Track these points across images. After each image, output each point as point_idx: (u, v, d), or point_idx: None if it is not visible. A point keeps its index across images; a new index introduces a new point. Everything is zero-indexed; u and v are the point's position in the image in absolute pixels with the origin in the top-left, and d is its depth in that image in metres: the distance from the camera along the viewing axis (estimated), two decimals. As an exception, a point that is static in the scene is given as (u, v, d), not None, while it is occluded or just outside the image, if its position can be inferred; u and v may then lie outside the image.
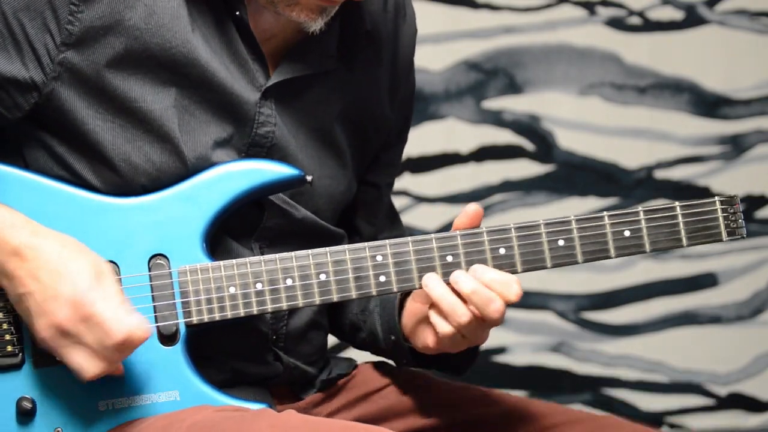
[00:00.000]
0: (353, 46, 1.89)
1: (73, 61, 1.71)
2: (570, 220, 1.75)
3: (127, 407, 1.71)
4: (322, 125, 1.88)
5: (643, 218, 1.76)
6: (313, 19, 1.77)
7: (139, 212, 1.74)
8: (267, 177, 1.77)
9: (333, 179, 1.90)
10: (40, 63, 1.71)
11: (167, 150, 1.75)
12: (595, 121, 3.48)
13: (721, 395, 3.55)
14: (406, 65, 2.02)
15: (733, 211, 1.77)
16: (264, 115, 1.81)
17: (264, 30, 1.81)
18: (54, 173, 1.75)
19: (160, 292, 1.72)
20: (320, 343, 1.93)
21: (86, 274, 1.62)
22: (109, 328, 1.61)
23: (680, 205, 1.77)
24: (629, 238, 1.76)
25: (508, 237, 1.75)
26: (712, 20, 3.50)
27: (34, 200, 1.70)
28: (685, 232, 1.76)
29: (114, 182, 1.74)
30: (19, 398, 1.70)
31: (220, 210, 1.75)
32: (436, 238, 1.75)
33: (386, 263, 1.75)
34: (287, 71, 1.83)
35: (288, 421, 1.64)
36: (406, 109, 2.05)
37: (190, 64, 1.75)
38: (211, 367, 1.78)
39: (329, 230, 1.90)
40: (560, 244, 1.75)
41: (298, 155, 1.85)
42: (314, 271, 1.74)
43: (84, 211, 1.73)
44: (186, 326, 1.73)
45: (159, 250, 1.73)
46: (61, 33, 1.71)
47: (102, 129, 1.74)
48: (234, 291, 1.73)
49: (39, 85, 1.72)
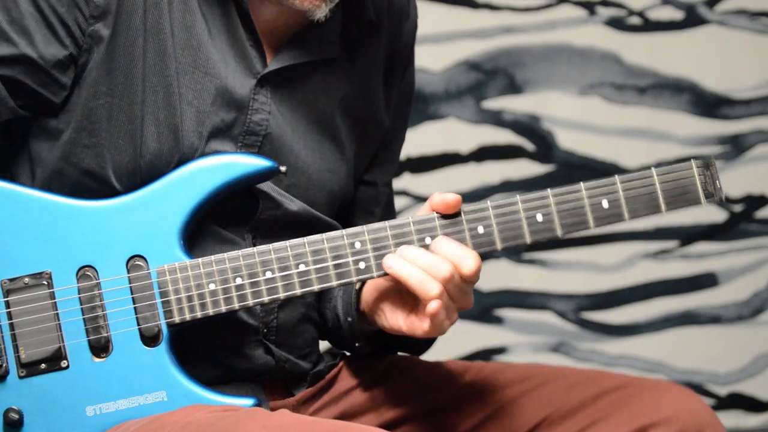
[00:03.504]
0: (356, 36, 1.89)
1: (101, 34, 1.74)
2: (547, 195, 1.74)
3: (114, 411, 1.71)
4: (324, 117, 1.87)
5: (620, 187, 1.74)
6: (317, 6, 1.77)
7: (114, 214, 1.74)
8: (240, 170, 1.76)
9: (333, 173, 1.89)
10: (74, 38, 1.74)
11: (164, 136, 1.76)
12: (595, 121, 3.48)
13: (721, 395, 3.54)
14: (403, 61, 2.01)
15: (710, 173, 1.76)
16: (258, 102, 1.81)
17: (266, 21, 1.82)
18: (56, 164, 1.76)
19: (140, 293, 1.72)
20: (311, 336, 1.93)
21: None
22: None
23: (657, 170, 1.75)
24: (608, 209, 1.74)
25: (485, 215, 1.73)
26: (712, 20, 3.50)
27: (7, 209, 1.70)
28: (663, 198, 1.74)
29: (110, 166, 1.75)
30: (6, 410, 1.69)
31: (196, 207, 1.75)
32: (414, 221, 1.74)
33: (365, 249, 1.73)
34: (286, 58, 1.83)
35: (282, 421, 1.64)
36: (404, 108, 2.04)
37: (197, 45, 1.77)
38: (202, 364, 1.78)
39: (326, 222, 1.89)
40: (539, 219, 1.73)
41: (294, 146, 1.84)
42: (293, 262, 1.73)
43: (59, 217, 1.72)
44: (168, 326, 1.72)
45: (136, 251, 1.73)
46: (89, 6, 1.73)
47: (110, 105, 1.75)
48: (214, 287, 1.73)
49: (76, 58, 1.74)
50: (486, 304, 3.43)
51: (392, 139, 2.03)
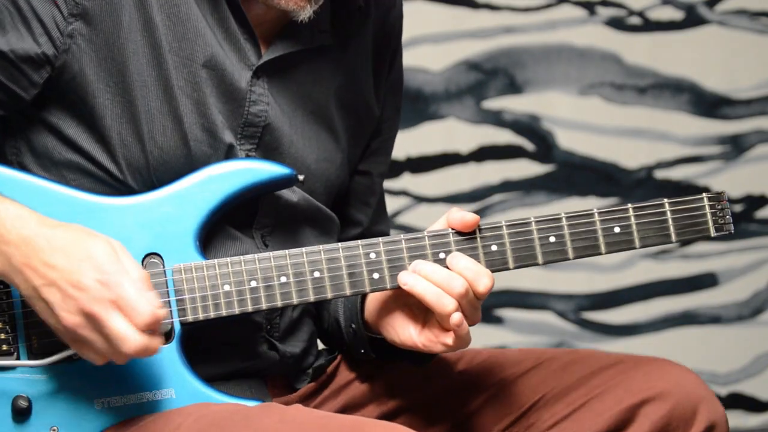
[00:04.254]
0: (346, 23, 1.90)
1: (82, 33, 1.73)
2: (561, 217, 1.76)
3: (123, 405, 1.71)
4: (319, 107, 1.88)
5: (632, 215, 1.78)
6: (302, 7, 1.77)
7: (132, 212, 1.74)
8: (259, 176, 1.77)
9: (331, 162, 1.90)
10: (50, 36, 1.72)
11: (169, 130, 1.76)
12: (595, 121, 3.48)
13: (721, 395, 3.55)
14: (391, 50, 2.01)
15: (721, 207, 1.80)
16: (256, 93, 1.81)
17: (257, 15, 1.82)
18: (64, 158, 1.76)
19: (155, 290, 1.72)
20: (312, 330, 1.94)
21: (106, 255, 1.60)
22: (138, 310, 1.58)
23: (669, 201, 1.79)
24: (619, 234, 1.77)
25: (499, 234, 1.76)
26: (712, 20, 3.50)
27: (26, 202, 1.69)
28: (673, 228, 1.79)
29: (120, 162, 1.75)
30: (15, 397, 1.69)
31: (213, 209, 1.75)
32: (429, 235, 1.76)
33: (380, 260, 1.75)
34: (279, 48, 1.83)
35: (297, 416, 1.64)
36: (395, 97, 2.04)
37: (193, 37, 1.76)
38: (206, 360, 1.78)
39: (326, 212, 1.90)
40: (551, 241, 1.76)
41: (293, 136, 1.85)
42: (308, 269, 1.74)
43: (77, 212, 1.72)
44: (181, 324, 1.73)
45: (153, 249, 1.73)
46: (68, 4, 1.72)
47: (111, 103, 1.75)
48: (228, 288, 1.73)
49: (51, 58, 1.73)
50: (486, 304, 3.39)
51: (383, 128, 2.04)
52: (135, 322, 1.58)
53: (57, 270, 1.60)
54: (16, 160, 1.79)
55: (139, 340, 1.58)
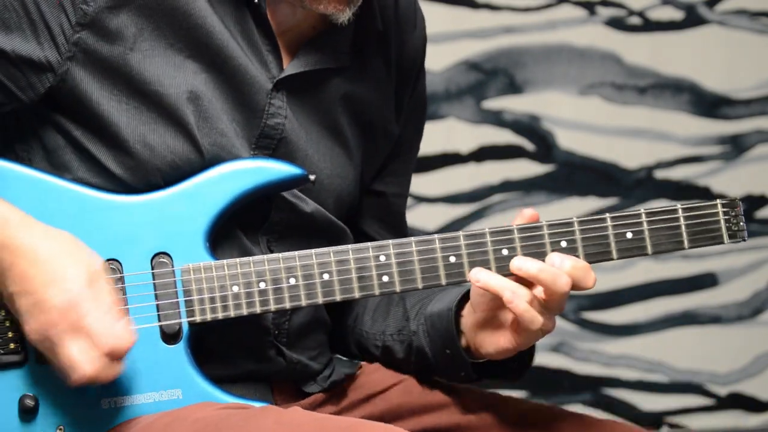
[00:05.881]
0: (365, 46, 1.90)
1: (88, 42, 1.72)
2: (572, 222, 1.75)
3: (129, 405, 1.71)
4: (334, 123, 1.88)
5: (645, 220, 1.76)
6: (341, 10, 1.77)
7: (142, 210, 1.73)
8: (271, 176, 1.77)
9: (343, 179, 1.90)
10: (55, 43, 1.72)
11: (182, 136, 1.75)
12: (595, 121, 3.49)
13: (721, 395, 3.55)
14: (414, 71, 2.01)
15: (735, 213, 1.78)
16: (275, 106, 1.81)
17: (280, 22, 1.82)
18: (74, 158, 1.75)
19: (163, 290, 1.72)
20: (322, 338, 1.93)
21: (78, 282, 1.62)
22: (97, 341, 1.61)
23: (682, 207, 1.77)
24: (631, 240, 1.76)
25: (510, 238, 1.75)
26: (712, 20, 3.51)
27: (35, 197, 1.69)
28: (686, 235, 1.77)
29: (131, 167, 1.74)
30: (22, 396, 1.69)
31: (224, 209, 1.74)
32: (440, 238, 1.75)
33: (389, 263, 1.74)
34: (302, 64, 1.83)
35: (294, 418, 1.64)
36: (417, 117, 2.05)
37: (208, 45, 1.76)
38: (213, 362, 1.77)
39: (338, 225, 1.89)
40: (563, 246, 1.75)
41: (308, 150, 1.85)
42: (317, 271, 1.74)
43: (86, 209, 1.72)
44: (189, 325, 1.72)
45: (162, 248, 1.73)
46: (76, 12, 1.71)
47: (117, 111, 1.74)
48: (237, 290, 1.73)
49: (54, 65, 1.72)
50: (486, 304, 3.43)
51: (403, 149, 2.03)
52: (96, 349, 1.61)
53: (31, 283, 1.62)
54: (27, 157, 1.79)
55: (88, 370, 1.61)
